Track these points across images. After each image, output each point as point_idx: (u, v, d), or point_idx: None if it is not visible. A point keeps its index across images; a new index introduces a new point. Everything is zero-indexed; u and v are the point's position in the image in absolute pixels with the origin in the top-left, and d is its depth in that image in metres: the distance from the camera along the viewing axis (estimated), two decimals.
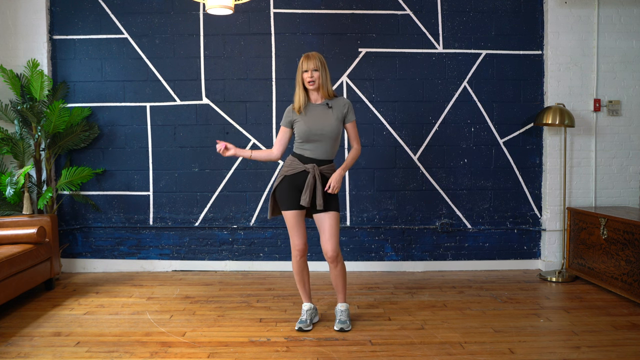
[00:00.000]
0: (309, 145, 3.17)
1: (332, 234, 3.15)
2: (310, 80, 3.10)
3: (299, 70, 3.15)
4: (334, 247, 3.15)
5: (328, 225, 3.15)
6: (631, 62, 4.60)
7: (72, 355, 2.87)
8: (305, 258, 3.29)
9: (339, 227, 3.21)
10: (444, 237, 4.71)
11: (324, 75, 3.13)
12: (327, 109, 3.17)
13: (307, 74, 3.11)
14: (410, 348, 2.95)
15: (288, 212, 3.19)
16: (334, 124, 3.15)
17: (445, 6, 4.61)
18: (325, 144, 3.16)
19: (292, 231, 3.22)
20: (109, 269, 4.70)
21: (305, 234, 3.24)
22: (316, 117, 3.15)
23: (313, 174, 3.11)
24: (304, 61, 3.11)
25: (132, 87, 4.64)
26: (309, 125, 3.13)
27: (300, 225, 3.21)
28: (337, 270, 3.23)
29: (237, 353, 2.89)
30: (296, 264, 3.27)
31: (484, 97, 4.66)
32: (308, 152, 3.17)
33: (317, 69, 3.10)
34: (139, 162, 4.68)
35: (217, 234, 4.71)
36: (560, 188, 4.60)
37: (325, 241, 3.16)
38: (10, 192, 4.12)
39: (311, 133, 3.13)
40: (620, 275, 3.82)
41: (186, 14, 4.61)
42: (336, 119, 3.16)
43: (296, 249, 3.23)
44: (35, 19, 4.53)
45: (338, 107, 3.19)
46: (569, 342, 3.02)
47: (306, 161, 3.16)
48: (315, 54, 3.14)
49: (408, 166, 4.67)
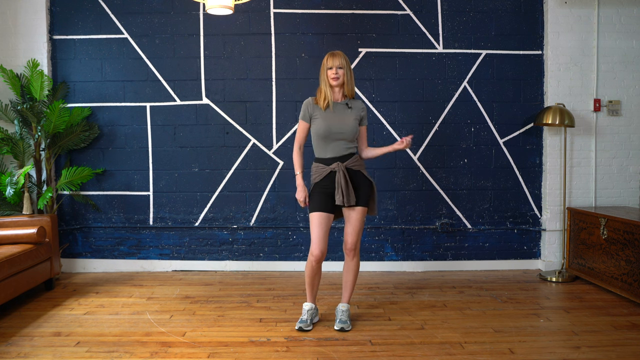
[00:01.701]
0: (329, 145, 3.18)
1: (356, 228, 3.20)
2: (335, 77, 3.14)
3: (323, 67, 3.18)
4: (355, 240, 3.21)
5: (354, 219, 3.19)
6: (631, 62, 4.60)
7: (72, 355, 2.87)
8: (321, 265, 3.22)
9: (364, 222, 3.25)
10: (444, 237, 4.71)
11: (348, 74, 3.19)
12: (347, 109, 3.21)
13: (331, 71, 3.14)
14: (410, 348, 2.95)
15: (315, 214, 3.16)
16: (353, 124, 3.19)
17: (445, 6, 4.61)
18: (344, 142, 3.19)
19: (314, 234, 3.15)
20: (109, 269, 4.70)
21: (326, 241, 3.17)
22: (337, 115, 3.18)
23: (340, 171, 3.12)
24: (329, 58, 3.16)
25: (132, 87, 4.64)
26: (328, 123, 3.15)
27: (324, 230, 3.15)
28: (352, 263, 3.26)
29: (237, 353, 2.89)
30: (310, 269, 3.23)
31: (484, 97, 4.66)
32: (329, 152, 3.19)
33: (342, 66, 3.15)
34: (139, 162, 4.67)
35: (217, 234, 4.71)
36: (560, 188, 4.60)
37: (348, 234, 3.21)
38: (10, 192, 4.12)
39: (331, 131, 3.15)
40: (620, 275, 3.82)
41: (186, 14, 4.61)
42: (355, 119, 3.21)
43: (313, 254, 3.15)
44: (35, 19, 4.53)
45: (357, 108, 3.24)
46: (569, 342, 3.02)
47: (330, 162, 3.18)
48: (340, 52, 3.20)
49: (408, 166, 4.67)
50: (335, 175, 3.14)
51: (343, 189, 3.10)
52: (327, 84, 3.18)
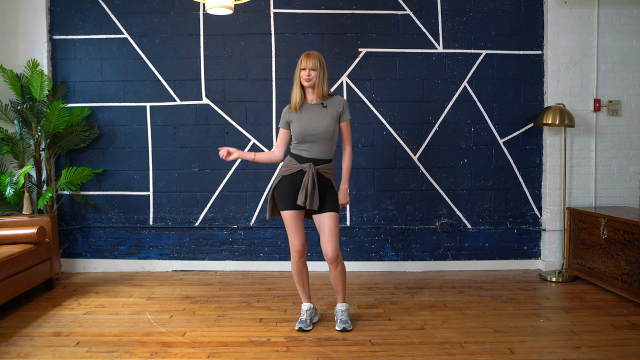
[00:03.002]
0: (304, 145, 3.17)
1: (332, 235, 3.14)
2: (307, 78, 3.12)
3: (297, 67, 3.16)
4: (334, 247, 3.14)
5: (327, 226, 3.14)
6: (631, 62, 4.60)
7: (72, 355, 2.87)
8: (304, 259, 3.27)
9: (338, 227, 3.19)
10: (444, 237, 4.71)
11: (322, 75, 3.15)
12: (321, 109, 3.18)
13: (304, 72, 3.12)
14: (410, 348, 2.95)
15: (286, 212, 3.19)
16: (328, 124, 3.15)
17: (445, 6, 4.61)
18: (320, 144, 3.16)
19: (291, 232, 3.21)
20: (109, 269, 4.70)
21: (303, 235, 3.23)
22: (310, 117, 3.16)
23: (310, 173, 3.10)
24: (303, 59, 3.13)
25: (132, 87, 4.64)
26: (303, 126, 3.14)
27: (298, 226, 3.20)
28: (337, 272, 3.22)
29: (237, 353, 2.89)
30: (295, 265, 3.27)
31: (484, 97, 4.66)
32: (305, 152, 3.18)
33: (315, 68, 3.11)
34: (139, 162, 4.68)
35: (217, 234, 4.71)
36: (560, 188, 4.60)
37: (325, 242, 3.15)
38: (10, 192, 4.12)
39: (305, 133, 3.14)
40: (620, 275, 3.82)
41: (186, 14, 4.61)
42: (331, 118, 3.17)
43: (294, 249, 3.21)
44: (35, 19, 4.53)
45: (333, 106, 3.20)
46: (569, 342, 3.03)
47: (303, 161, 3.17)
48: (316, 53, 3.15)
49: (408, 166, 4.67)
50: (304, 175, 3.13)
51: (308, 191, 3.08)
52: (298, 84, 3.17)
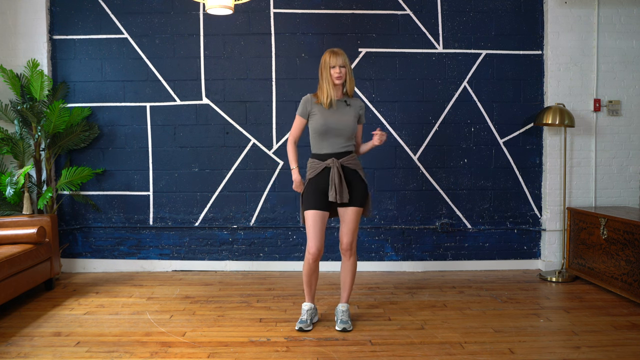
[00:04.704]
0: (325, 142, 3.19)
1: (351, 228, 3.20)
2: (339, 76, 3.13)
3: (325, 65, 3.16)
4: (350, 240, 3.21)
5: (349, 219, 3.20)
6: (631, 62, 4.60)
7: (72, 355, 2.87)
8: (318, 263, 3.23)
9: (359, 222, 3.26)
10: (444, 237, 4.71)
11: (350, 72, 3.20)
12: (345, 106, 3.22)
13: (335, 70, 3.14)
14: (410, 348, 2.95)
15: (309, 212, 3.17)
16: (352, 121, 3.21)
17: (445, 6, 4.61)
18: (341, 139, 3.20)
19: (310, 232, 3.16)
20: (109, 269, 4.70)
21: (322, 239, 3.17)
22: (335, 112, 3.18)
23: (334, 168, 3.12)
24: (332, 57, 3.14)
25: (132, 87, 4.64)
26: (326, 119, 3.15)
27: (318, 227, 3.15)
28: (349, 263, 3.26)
29: (237, 353, 2.89)
30: (307, 267, 3.23)
31: (484, 97, 4.66)
32: (325, 148, 3.20)
33: (345, 65, 3.15)
34: (139, 162, 4.67)
35: (217, 234, 4.71)
36: (560, 188, 4.60)
37: (344, 234, 3.21)
38: (10, 192, 4.12)
39: (328, 127, 3.15)
40: (620, 275, 3.82)
41: (186, 14, 4.61)
42: (354, 116, 3.22)
43: (310, 252, 3.16)
44: (35, 19, 4.53)
45: (355, 106, 3.25)
46: (569, 342, 3.03)
47: (325, 158, 3.18)
48: (341, 50, 3.20)
49: (408, 166, 4.67)
50: (330, 171, 3.15)
51: (337, 185, 3.10)
52: (329, 82, 3.17)
